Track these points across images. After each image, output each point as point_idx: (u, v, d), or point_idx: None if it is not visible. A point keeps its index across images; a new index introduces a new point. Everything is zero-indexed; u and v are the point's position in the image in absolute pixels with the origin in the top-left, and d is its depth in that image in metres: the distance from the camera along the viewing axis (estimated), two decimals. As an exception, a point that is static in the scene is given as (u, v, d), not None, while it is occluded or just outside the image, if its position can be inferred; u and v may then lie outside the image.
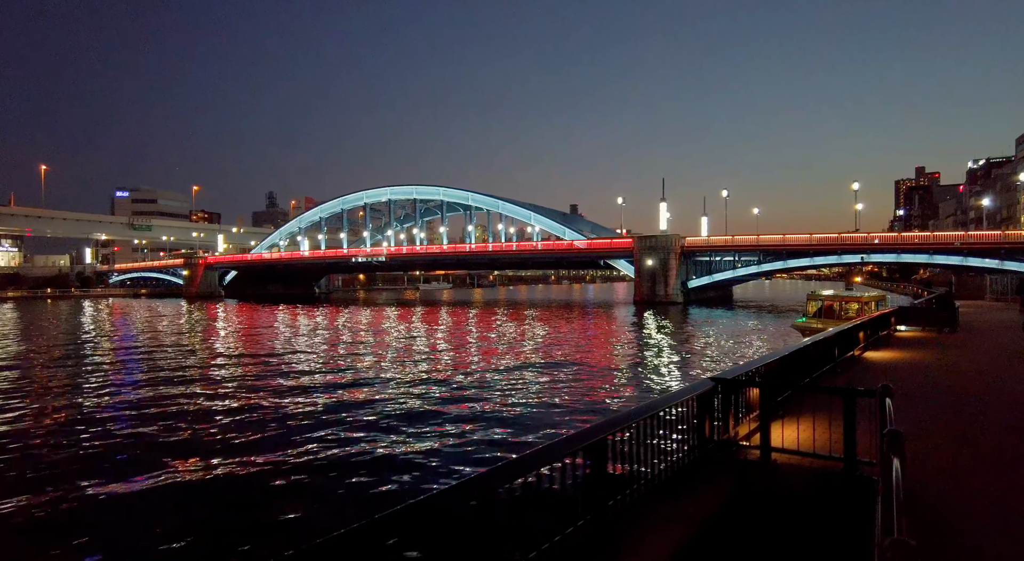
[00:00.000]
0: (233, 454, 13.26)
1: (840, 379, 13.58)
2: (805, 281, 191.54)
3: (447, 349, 32.00)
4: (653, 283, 74.37)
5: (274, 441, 14.40)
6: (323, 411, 17.65)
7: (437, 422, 16.33)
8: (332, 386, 21.59)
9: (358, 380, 22.74)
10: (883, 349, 19.35)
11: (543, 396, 19.50)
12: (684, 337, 35.76)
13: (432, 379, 22.67)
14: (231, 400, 19.29)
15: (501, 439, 14.55)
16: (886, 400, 5.94)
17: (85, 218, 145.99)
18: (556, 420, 16.37)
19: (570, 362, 26.14)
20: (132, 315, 64.17)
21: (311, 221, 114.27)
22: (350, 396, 19.71)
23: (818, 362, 13.40)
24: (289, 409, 17.92)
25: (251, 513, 10.21)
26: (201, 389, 21.24)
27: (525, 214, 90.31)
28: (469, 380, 22.38)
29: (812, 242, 68.23)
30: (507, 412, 17.41)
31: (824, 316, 27.69)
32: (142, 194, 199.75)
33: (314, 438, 14.52)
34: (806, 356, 12.25)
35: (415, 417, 16.85)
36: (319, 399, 19.38)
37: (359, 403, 18.67)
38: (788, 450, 7.26)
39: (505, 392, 20.10)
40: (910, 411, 9.35)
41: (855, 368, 15.31)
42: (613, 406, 18.15)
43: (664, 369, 24.77)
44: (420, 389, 20.76)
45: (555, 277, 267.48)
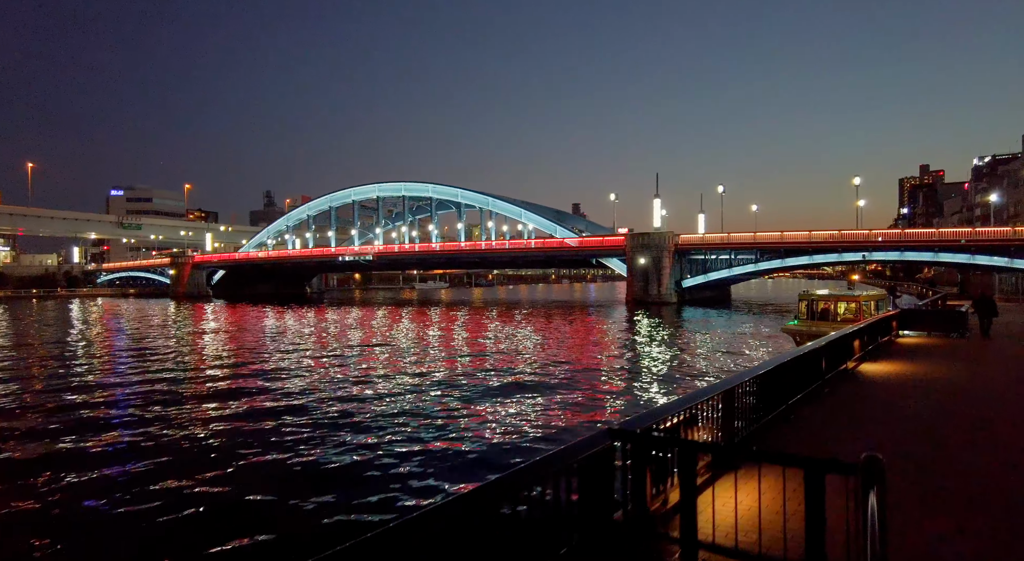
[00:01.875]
0: (208, 464, 12.68)
1: (824, 405, 10.85)
2: (808, 280, 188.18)
3: (400, 358, 29.31)
4: (646, 282, 71.57)
5: (238, 450, 13.56)
6: (278, 423, 15.84)
7: (363, 443, 13.66)
8: (286, 394, 18.93)
9: (304, 388, 20.11)
10: (883, 360, 16.58)
11: (473, 428, 16.79)
12: (666, 344, 32.92)
13: (377, 394, 19.98)
14: (187, 417, 16.64)
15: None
16: (871, 489, 3.30)
17: (72, 217, 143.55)
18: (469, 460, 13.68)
19: (530, 377, 23.42)
20: (92, 317, 61.65)
21: (299, 219, 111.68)
22: (296, 402, 17.10)
23: (797, 384, 10.68)
24: (235, 420, 15.30)
25: (227, 521, 9.86)
26: (158, 404, 18.58)
27: (516, 211, 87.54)
28: (403, 398, 19.70)
29: (811, 240, 65.32)
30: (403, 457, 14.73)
31: (818, 318, 24.91)
32: (137, 193, 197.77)
33: (278, 448, 13.70)
34: (776, 379, 9.53)
35: (367, 430, 15.13)
36: (275, 409, 16.79)
37: (311, 410, 16.24)
38: (722, 547, 4.49)
39: (426, 425, 17.41)
40: (911, 492, 6.27)
41: (845, 387, 12.55)
42: (543, 441, 15.43)
43: (626, 385, 22.04)
44: (372, 404, 18.07)
45: (555, 276, 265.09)
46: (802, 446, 8.05)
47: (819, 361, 12.09)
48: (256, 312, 64.96)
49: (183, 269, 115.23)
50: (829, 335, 13.51)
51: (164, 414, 16.97)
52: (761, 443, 8.20)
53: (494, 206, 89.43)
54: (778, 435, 8.67)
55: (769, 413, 9.31)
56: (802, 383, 11.08)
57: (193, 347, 33.37)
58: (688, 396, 6.96)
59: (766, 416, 9.16)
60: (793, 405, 10.37)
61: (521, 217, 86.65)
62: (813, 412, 10.25)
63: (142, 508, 10.25)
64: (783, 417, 9.68)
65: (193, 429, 15.45)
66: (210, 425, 15.87)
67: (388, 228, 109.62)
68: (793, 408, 10.28)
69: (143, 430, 15.27)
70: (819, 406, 10.74)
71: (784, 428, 9.17)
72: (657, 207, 78.52)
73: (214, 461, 12.81)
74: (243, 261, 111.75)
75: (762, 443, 8.20)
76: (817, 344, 12.16)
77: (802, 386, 11.05)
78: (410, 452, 13.34)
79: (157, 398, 19.25)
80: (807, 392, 11.24)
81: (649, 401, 18.08)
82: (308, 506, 10.33)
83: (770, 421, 9.22)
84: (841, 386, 12.65)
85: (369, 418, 16.48)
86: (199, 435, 14.91)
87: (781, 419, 9.57)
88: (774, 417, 9.45)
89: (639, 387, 20.56)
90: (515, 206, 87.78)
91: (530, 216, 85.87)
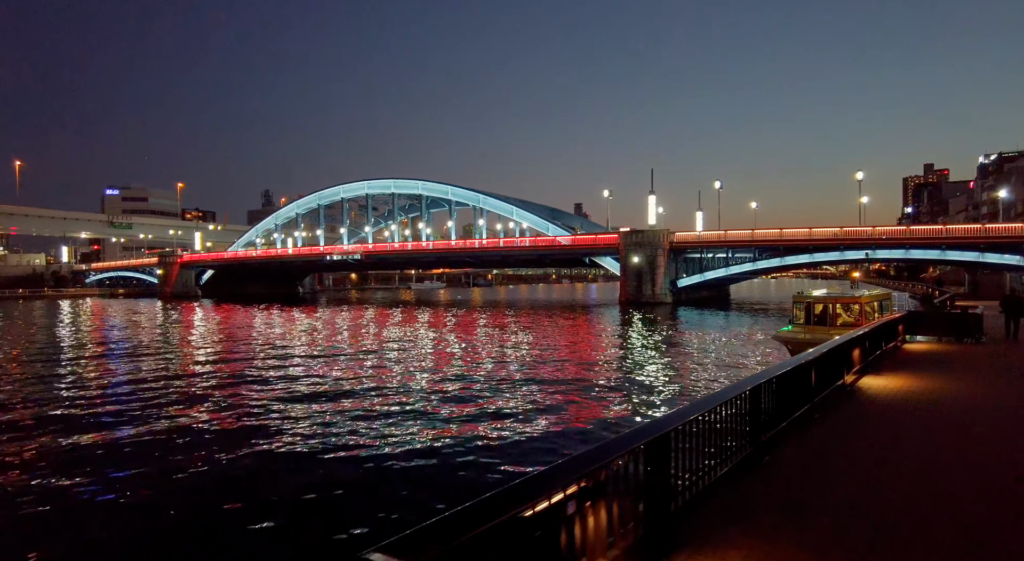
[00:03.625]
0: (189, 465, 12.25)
1: (810, 441, 8.16)
2: (811, 280, 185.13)
3: (366, 364, 26.65)
4: (640, 282, 68.84)
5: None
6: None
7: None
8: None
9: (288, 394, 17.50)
10: (888, 372, 13.87)
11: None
12: (645, 354, 30.09)
13: (338, 410, 17.33)
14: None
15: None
16: None
17: (62, 216, 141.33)
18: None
19: (491, 391, 20.78)
20: (62, 319, 59.19)
21: (287, 217, 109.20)
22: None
23: (776, 413, 8.04)
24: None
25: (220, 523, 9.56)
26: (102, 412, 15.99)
27: (508, 209, 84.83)
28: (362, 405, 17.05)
29: (812, 237, 62.48)
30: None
31: (815, 322, 22.15)
32: (132, 192, 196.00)
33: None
34: (746, 410, 6.92)
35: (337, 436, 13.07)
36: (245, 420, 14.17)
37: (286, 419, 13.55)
38: None
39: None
40: None
41: (840, 412, 9.85)
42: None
43: (563, 411, 19.36)
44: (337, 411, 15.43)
45: (555, 276, 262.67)
46: (763, 516, 5.42)
47: (807, 378, 9.43)
48: (236, 313, 62.39)
49: (171, 269, 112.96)
50: (821, 346, 10.82)
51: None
52: (707, 511, 5.56)
53: (485, 203, 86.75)
54: (735, 495, 6.01)
55: (732, 458, 6.69)
56: (784, 410, 8.42)
57: (136, 350, 30.80)
58: (598, 448, 4.34)
59: (726, 464, 6.52)
60: (770, 441, 7.72)
61: (513, 214, 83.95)
62: (794, 453, 7.58)
63: (128, 510, 10.02)
64: (751, 461, 7.03)
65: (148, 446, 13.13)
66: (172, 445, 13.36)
67: (380, 227, 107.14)
68: (769, 446, 7.61)
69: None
70: (803, 443, 8.07)
71: (747, 481, 6.53)
72: (652, 204, 75.83)
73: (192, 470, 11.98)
74: (231, 260, 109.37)
75: (708, 511, 5.56)
76: (805, 358, 9.48)
77: (784, 413, 8.40)
78: (380, 459, 10.74)
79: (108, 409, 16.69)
80: (792, 419, 8.63)
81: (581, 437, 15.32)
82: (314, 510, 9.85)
83: (731, 471, 6.59)
84: (835, 410, 9.96)
85: (344, 425, 14.64)
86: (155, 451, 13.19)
87: (747, 465, 6.92)
88: (740, 462, 6.83)
89: (581, 416, 17.87)
90: (507, 203, 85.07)
91: (523, 214, 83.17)
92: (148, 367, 25.20)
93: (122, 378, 22.51)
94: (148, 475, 11.71)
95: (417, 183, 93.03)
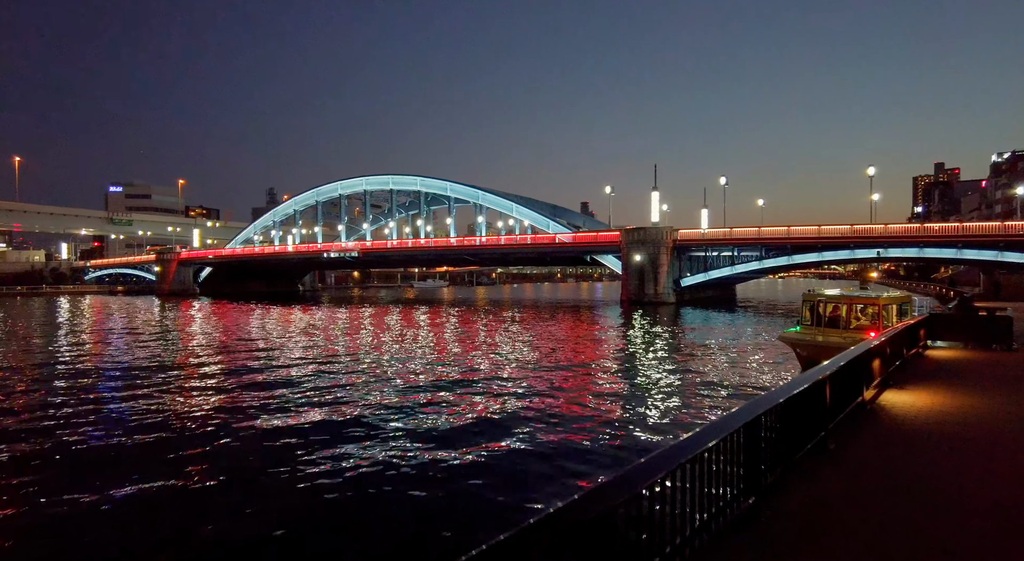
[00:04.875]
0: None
1: (823, 485, 6.18)
2: (819, 280, 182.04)
3: (351, 362, 24.75)
4: (642, 281, 66.72)
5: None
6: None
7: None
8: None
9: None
10: (911, 385, 11.82)
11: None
12: (645, 358, 28.09)
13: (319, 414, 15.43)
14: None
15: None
16: None
17: (61, 212, 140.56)
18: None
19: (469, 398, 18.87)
20: (54, 318, 57.72)
21: (285, 214, 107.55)
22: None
23: (781, 448, 6.14)
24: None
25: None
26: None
27: (507, 206, 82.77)
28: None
29: (821, 235, 60.14)
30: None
31: (826, 324, 20.06)
32: (135, 189, 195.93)
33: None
34: (739, 452, 5.08)
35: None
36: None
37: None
38: None
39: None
40: None
41: (860, 443, 7.83)
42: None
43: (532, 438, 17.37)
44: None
45: (560, 275, 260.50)
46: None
47: (820, 399, 7.45)
48: (231, 310, 60.73)
49: (168, 266, 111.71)
50: (838, 358, 8.84)
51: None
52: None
53: (485, 200, 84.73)
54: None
55: (721, 514, 4.84)
56: (791, 443, 6.50)
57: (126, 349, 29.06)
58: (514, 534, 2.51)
59: (712, 524, 4.67)
60: (772, 486, 5.81)
61: (513, 211, 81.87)
62: (803, 503, 5.62)
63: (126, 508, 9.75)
64: (747, 518, 5.13)
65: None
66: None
67: (379, 225, 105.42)
68: (771, 493, 5.69)
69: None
70: (815, 486, 6.10)
71: (738, 547, 4.65)
72: (655, 200, 73.55)
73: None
74: (228, 257, 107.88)
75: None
76: (817, 374, 7.48)
77: (790, 448, 6.48)
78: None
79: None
80: (802, 452, 6.72)
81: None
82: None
83: (720, 532, 4.74)
84: (854, 438, 7.95)
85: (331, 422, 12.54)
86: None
87: (741, 524, 5.01)
88: (732, 522, 4.97)
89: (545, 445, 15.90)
90: (507, 200, 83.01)
91: (523, 210, 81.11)
92: (129, 365, 23.54)
93: (99, 380, 20.75)
94: (139, 475, 11.21)
95: (416, 179, 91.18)
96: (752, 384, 19.40)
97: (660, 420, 14.96)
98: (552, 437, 13.40)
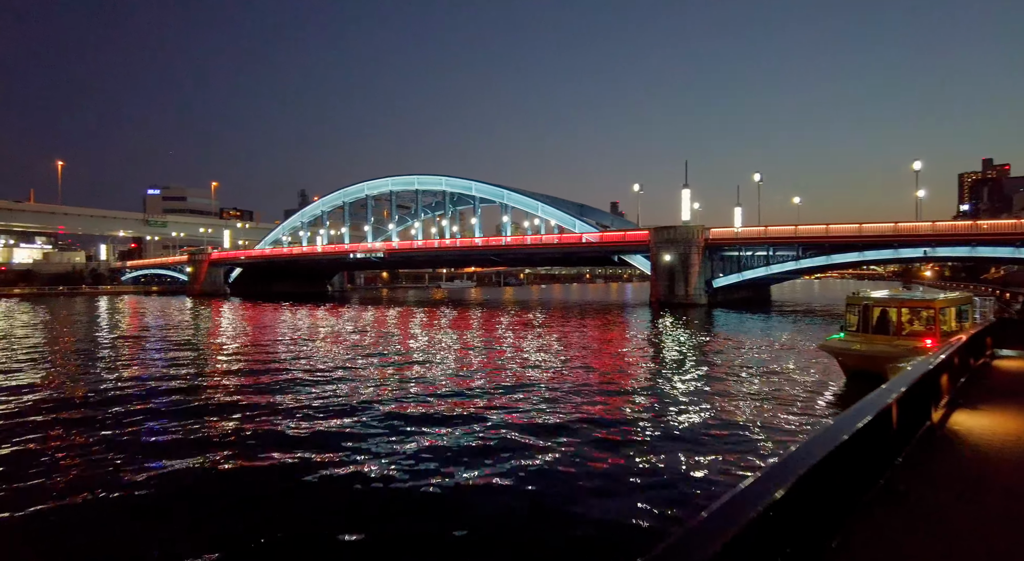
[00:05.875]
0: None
1: (893, 540, 4.61)
2: (857, 281, 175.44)
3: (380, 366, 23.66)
4: (671, 282, 64.46)
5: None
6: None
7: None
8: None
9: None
10: (985, 405, 9.93)
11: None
12: (671, 366, 26.18)
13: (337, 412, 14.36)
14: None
15: None
16: None
17: (100, 214, 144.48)
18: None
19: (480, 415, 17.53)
20: (80, 318, 58.49)
21: (313, 215, 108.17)
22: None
23: (839, 497, 4.61)
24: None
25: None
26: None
27: (533, 205, 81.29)
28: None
29: (862, 234, 57.03)
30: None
31: (874, 330, 18.07)
32: (172, 192, 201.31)
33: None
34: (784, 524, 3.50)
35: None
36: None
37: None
38: None
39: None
40: None
41: (935, 480, 6.15)
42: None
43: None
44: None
45: (589, 275, 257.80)
46: None
47: (887, 429, 5.86)
48: (260, 311, 60.76)
49: (200, 267, 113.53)
50: (905, 376, 7.18)
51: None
52: None
53: (510, 199, 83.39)
54: None
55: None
56: (849, 491, 4.97)
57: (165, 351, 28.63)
58: None
59: None
60: (831, 552, 4.33)
61: (538, 211, 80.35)
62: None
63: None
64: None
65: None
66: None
67: (406, 225, 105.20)
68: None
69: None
70: (883, 547, 4.58)
71: None
72: (686, 198, 71.13)
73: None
74: (257, 258, 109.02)
75: None
76: (886, 398, 5.88)
77: (850, 496, 4.96)
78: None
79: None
80: (868, 494, 5.20)
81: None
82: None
83: None
84: (928, 479, 6.25)
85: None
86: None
87: None
88: None
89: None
90: (532, 199, 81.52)
91: (548, 210, 79.51)
92: (161, 364, 23.75)
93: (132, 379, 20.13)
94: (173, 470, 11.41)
95: (440, 179, 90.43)
96: (794, 400, 17.22)
97: (692, 451, 13.31)
98: (569, 467, 11.90)
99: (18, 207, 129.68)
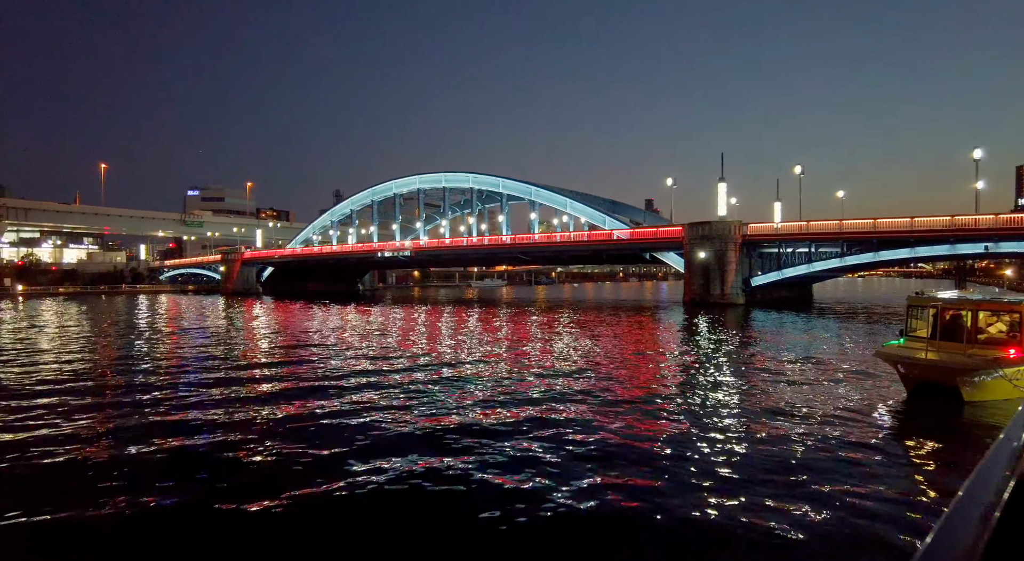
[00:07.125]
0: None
1: None
2: (904, 280, 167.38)
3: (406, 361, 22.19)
4: (707, 280, 61.52)
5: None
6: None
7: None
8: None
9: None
10: None
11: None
12: (703, 378, 23.93)
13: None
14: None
15: None
16: None
17: (140, 215, 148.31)
18: None
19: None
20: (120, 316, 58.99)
21: (343, 214, 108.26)
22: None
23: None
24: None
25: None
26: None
27: (562, 202, 79.17)
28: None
29: (914, 228, 53.13)
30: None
31: (942, 336, 15.56)
32: (210, 192, 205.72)
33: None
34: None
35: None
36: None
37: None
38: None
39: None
40: None
41: None
42: None
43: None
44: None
45: (622, 274, 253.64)
46: None
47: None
48: (292, 310, 60.41)
49: (232, 266, 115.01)
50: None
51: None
52: None
53: (538, 196, 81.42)
54: None
55: None
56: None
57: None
58: None
59: None
60: None
61: (567, 207, 78.18)
62: None
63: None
64: None
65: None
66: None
67: (434, 223, 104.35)
68: None
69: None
70: None
71: None
72: (722, 192, 67.82)
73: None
74: (288, 257, 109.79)
75: None
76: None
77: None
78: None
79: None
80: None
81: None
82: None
83: None
84: None
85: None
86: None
87: None
88: None
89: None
90: (561, 196, 79.39)
91: (578, 206, 77.25)
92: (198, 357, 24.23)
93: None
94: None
95: (468, 176, 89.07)
96: (851, 420, 14.70)
97: (729, 493, 11.22)
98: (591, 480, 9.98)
99: (67, 209, 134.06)
